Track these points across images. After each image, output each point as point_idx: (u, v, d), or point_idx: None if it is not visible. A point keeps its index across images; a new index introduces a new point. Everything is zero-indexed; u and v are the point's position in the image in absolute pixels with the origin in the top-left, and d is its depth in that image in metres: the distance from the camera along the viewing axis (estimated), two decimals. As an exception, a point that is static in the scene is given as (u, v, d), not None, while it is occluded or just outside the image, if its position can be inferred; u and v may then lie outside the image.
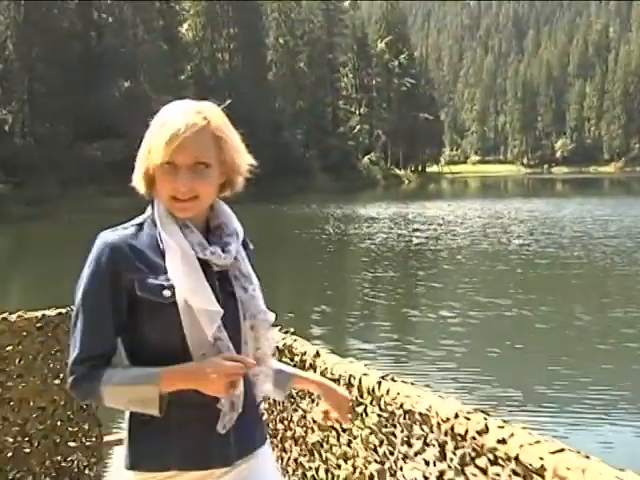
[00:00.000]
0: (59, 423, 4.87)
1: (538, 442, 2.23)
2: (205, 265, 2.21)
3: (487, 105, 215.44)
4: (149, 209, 2.30)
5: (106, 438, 5.03)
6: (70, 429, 4.91)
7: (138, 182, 2.24)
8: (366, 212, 47.38)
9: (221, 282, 2.24)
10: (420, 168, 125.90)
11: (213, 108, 2.25)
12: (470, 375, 11.54)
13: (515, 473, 2.25)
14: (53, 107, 62.51)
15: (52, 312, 4.82)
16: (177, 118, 2.14)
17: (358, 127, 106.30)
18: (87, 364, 2.17)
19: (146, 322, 2.18)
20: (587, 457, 2.07)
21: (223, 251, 2.24)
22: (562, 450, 2.14)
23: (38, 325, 4.73)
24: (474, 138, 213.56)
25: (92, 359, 2.17)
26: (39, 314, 4.77)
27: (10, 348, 4.65)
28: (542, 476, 2.13)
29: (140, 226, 2.26)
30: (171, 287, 2.16)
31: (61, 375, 4.74)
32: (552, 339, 13.96)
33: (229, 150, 2.23)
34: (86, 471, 4.96)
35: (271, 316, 2.31)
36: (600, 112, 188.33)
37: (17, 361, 4.68)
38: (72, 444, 4.91)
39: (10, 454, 4.70)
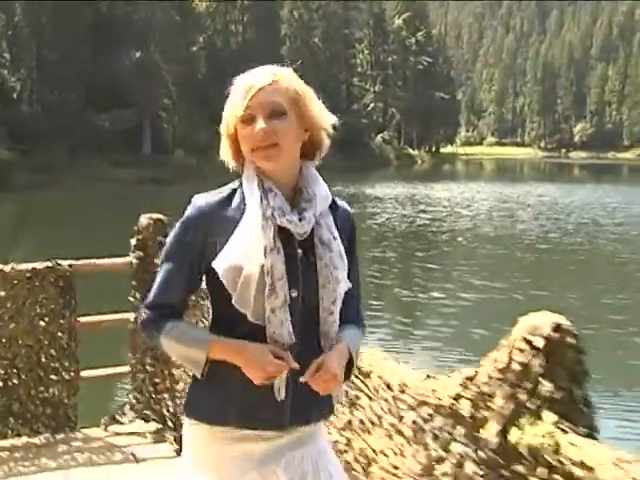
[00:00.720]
0: (43, 359, 5.61)
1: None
2: (287, 232, 2.24)
3: (506, 86, 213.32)
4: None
5: (83, 374, 5.78)
6: (52, 365, 5.65)
7: (225, 153, 2.34)
8: (373, 192, 46.93)
9: (305, 249, 2.27)
10: (434, 148, 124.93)
11: (289, 71, 2.32)
12: (452, 355, 11.91)
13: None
14: (62, 75, 62.20)
15: (40, 265, 5.55)
16: (252, 75, 2.26)
17: (372, 105, 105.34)
18: (155, 311, 2.34)
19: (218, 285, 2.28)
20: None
21: (301, 219, 2.24)
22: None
23: (28, 275, 5.46)
24: (491, 119, 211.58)
25: (160, 307, 2.34)
26: (29, 266, 5.50)
27: (3, 294, 5.41)
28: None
29: (234, 190, 2.32)
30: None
31: (46, 319, 5.55)
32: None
33: (306, 105, 2.27)
34: (65, 400, 5.70)
35: (342, 287, 2.30)
36: (622, 97, 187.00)
37: (8, 305, 5.43)
38: (54, 377, 5.66)
39: (1, 384, 5.48)
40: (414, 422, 3.13)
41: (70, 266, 5.64)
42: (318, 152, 2.36)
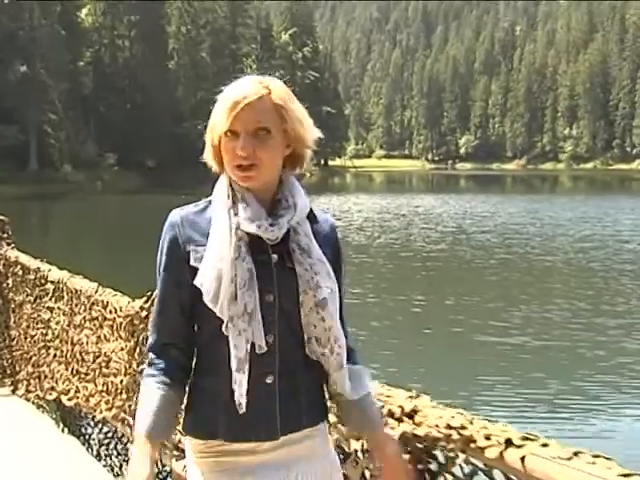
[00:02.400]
0: None
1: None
2: (259, 239, 2.20)
3: (393, 99, 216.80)
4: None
5: None
6: None
7: (208, 158, 2.28)
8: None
9: (281, 255, 2.23)
10: (323, 162, 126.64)
11: (276, 81, 2.24)
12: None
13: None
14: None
15: None
16: (239, 88, 2.17)
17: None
18: (156, 360, 2.28)
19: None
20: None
21: (272, 224, 2.20)
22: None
23: None
24: (380, 132, 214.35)
25: (161, 352, 2.28)
26: None
27: None
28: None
29: (210, 202, 2.31)
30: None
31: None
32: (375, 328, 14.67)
33: (292, 120, 2.20)
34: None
35: (322, 293, 2.23)
36: (504, 110, 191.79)
37: None
38: None
39: None
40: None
41: None
42: (299, 163, 2.30)
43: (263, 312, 2.17)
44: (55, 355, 5.37)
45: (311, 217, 2.32)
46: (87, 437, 5.39)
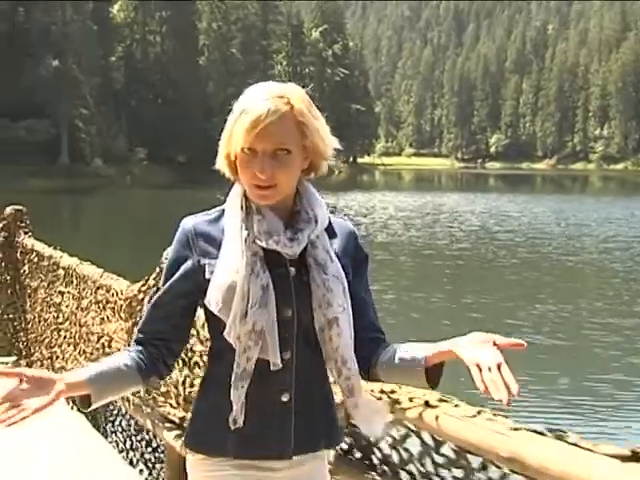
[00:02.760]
0: None
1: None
2: (277, 253, 2.15)
3: (424, 98, 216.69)
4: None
5: None
6: None
7: (222, 166, 2.22)
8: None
9: (299, 269, 2.18)
10: (352, 159, 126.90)
11: (296, 91, 2.14)
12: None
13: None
14: (-25, 83, 61.99)
15: None
16: (259, 104, 2.07)
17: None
18: (141, 341, 2.26)
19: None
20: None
21: (292, 239, 2.16)
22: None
23: None
24: (410, 130, 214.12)
25: (146, 333, 2.27)
26: None
27: None
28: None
29: (223, 211, 2.26)
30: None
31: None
32: (391, 325, 14.86)
33: (312, 135, 2.14)
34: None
35: (332, 312, 2.16)
36: (535, 109, 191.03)
37: None
38: None
39: None
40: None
41: None
42: (315, 172, 2.25)
43: (280, 327, 2.13)
44: (65, 337, 5.73)
45: (329, 229, 2.25)
46: (93, 414, 5.72)
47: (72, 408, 5.58)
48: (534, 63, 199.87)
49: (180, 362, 3.83)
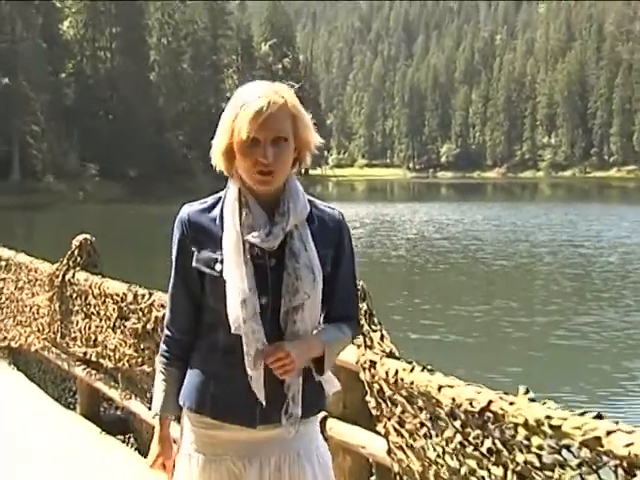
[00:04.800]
0: None
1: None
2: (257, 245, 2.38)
3: (375, 109, 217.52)
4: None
5: None
6: None
7: (217, 160, 2.40)
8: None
9: (278, 259, 2.39)
10: (303, 171, 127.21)
11: (287, 89, 2.40)
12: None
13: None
14: None
15: None
16: (258, 97, 2.31)
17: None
18: (167, 338, 2.56)
19: (206, 289, 2.45)
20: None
21: (269, 234, 2.36)
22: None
23: None
24: (361, 142, 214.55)
25: (171, 332, 2.56)
26: None
27: None
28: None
29: (218, 200, 2.47)
30: (222, 262, 2.39)
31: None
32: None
33: (303, 127, 2.38)
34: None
35: (297, 299, 2.38)
36: (484, 118, 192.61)
37: None
38: None
39: None
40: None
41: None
42: (300, 164, 2.45)
43: (261, 312, 2.37)
44: (6, 313, 7.10)
45: (311, 218, 2.46)
46: (31, 374, 7.26)
47: (13, 369, 7.08)
48: (483, 73, 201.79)
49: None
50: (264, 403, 2.38)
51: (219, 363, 2.45)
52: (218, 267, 2.39)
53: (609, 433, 2.16)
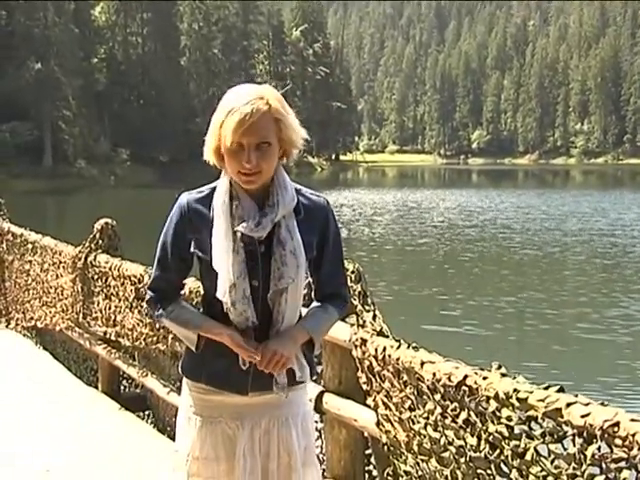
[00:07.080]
0: None
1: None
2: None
3: (406, 95, 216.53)
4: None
5: None
6: None
7: (209, 156, 2.59)
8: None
9: (267, 246, 2.60)
10: (334, 156, 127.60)
11: (272, 92, 2.56)
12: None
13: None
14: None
15: None
16: (243, 105, 2.47)
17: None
18: (157, 294, 2.75)
19: (201, 272, 2.71)
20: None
21: (258, 224, 2.56)
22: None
23: None
24: (392, 127, 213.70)
25: (160, 290, 2.75)
26: None
27: None
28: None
29: (213, 189, 2.67)
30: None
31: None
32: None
33: (287, 129, 2.54)
34: None
35: (282, 283, 2.60)
36: (516, 105, 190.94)
37: None
38: None
39: None
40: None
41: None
42: (287, 158, 2.64)
43: (252, 294, 2.59)
44: (32, 294, 7.40)
45: (298, 208, 2.65)
46: (57, 353, 7.55)
47: (39, 349, 7.40)
48: (515, 59, 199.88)
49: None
50: (246, 367, 2.63)
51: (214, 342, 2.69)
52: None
53: (569, 405, 2.37)
